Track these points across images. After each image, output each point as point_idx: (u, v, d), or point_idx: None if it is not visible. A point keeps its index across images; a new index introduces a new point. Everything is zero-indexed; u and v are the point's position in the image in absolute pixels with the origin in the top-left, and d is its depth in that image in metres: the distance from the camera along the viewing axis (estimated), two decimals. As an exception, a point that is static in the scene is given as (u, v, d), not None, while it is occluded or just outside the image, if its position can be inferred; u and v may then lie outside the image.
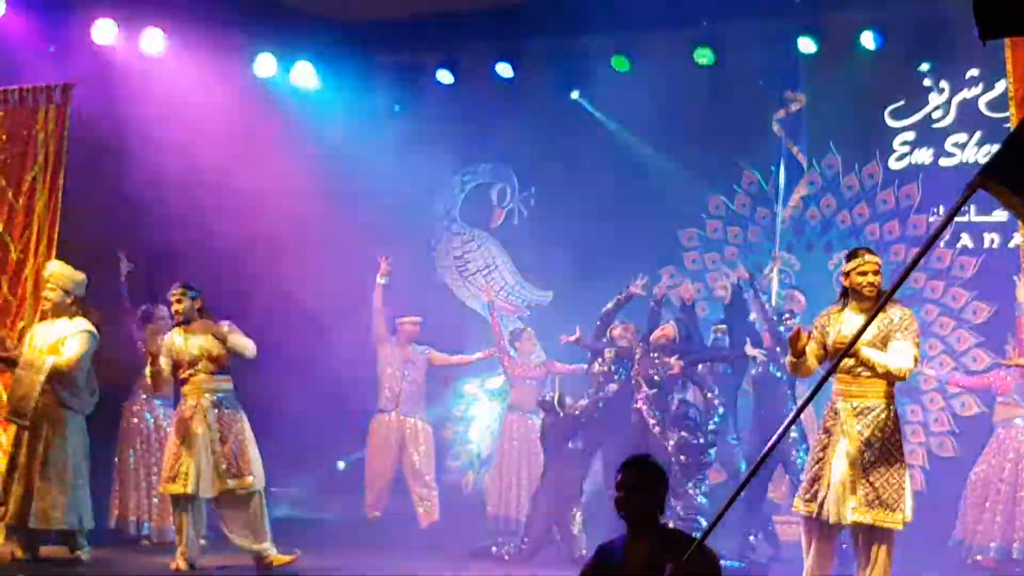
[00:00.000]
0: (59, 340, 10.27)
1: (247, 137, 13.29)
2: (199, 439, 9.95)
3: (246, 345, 10.07)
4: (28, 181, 11.21)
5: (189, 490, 9.91)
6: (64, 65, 12.14)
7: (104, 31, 12.79)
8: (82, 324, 10.37)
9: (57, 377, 10.22)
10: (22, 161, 11.29)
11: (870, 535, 8.16)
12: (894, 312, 8.15)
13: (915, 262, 5.01)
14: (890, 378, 8.12)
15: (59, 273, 10.44)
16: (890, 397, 8.20)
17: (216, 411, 10.05)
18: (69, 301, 10.40)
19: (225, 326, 10.08)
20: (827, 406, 8.35)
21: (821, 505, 8.17)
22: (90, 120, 11.77)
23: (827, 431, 8.27)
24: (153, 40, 13.12)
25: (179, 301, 10.16)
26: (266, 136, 13.63)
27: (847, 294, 8.33)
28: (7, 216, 11.28)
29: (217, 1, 13.04)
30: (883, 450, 8.10)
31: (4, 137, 11.42)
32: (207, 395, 10.08)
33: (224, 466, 9.97)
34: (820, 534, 8.27)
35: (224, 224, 12.79)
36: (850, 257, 8.35)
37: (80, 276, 10.53)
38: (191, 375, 10.09)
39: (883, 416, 8.13)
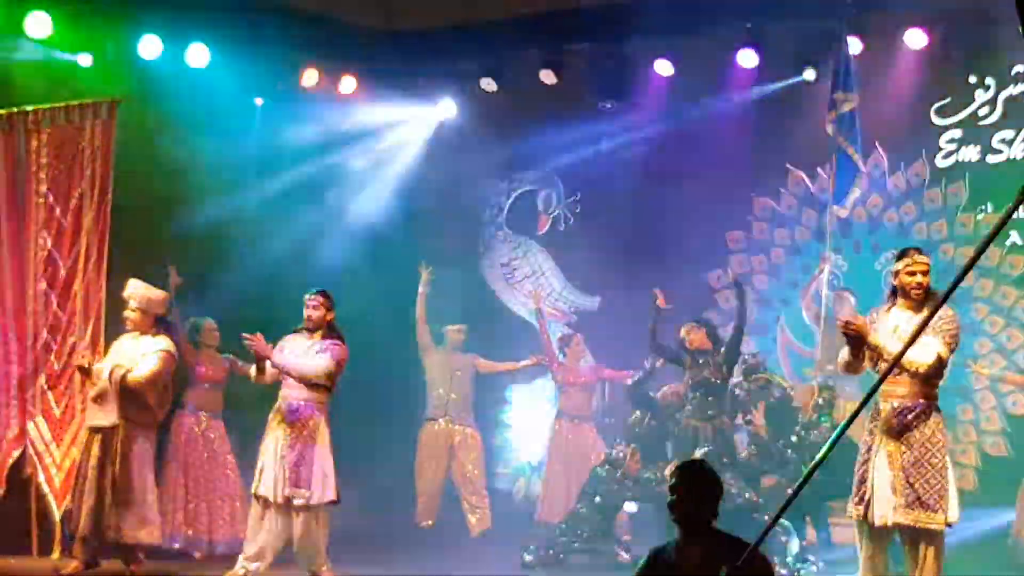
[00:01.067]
0: (141, 356, 10.37)
1: (293, 149, 13.36)
2: (275, 443, 9.98)
3: (316, 369, 10.11)
4: (76, 198, 11.28)
5: (260, 492, 9.95)
6: (110, 81, 12.22)
7: (150, 46, 12.86)
8: (162, 343, 10.43)
9: (127, 392, 10.28)
10: (69, 178, 11.36)
11: (915, 536, 8.14)
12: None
13: (967, 269, 4.96)
14: (914, 374, 8.06)
15: (136, 292, 10.53)
16: (931, 397, 8.16)
17: (292, 417, 10.01)
18: (149, 320, 10.48)
19: (326, 344, 10.15)
20: (871, 407, 8.32)
21: (867, 507, 8.18)
22: (137, 135, 11.85)
23: (871, 432, 8.30)
24: (198, 55, 13.19)
25: (315, 308, 10.18)
26: (312, 148, 13.69)
27: (895, 293, 8.32)
28: (56, 233, 11.35)
29: (263, 14, 13.08)
30: (923, 450, 8.08)
31: (52, 154, 11.49)
32: (286, 401, 10.04)
33: (294, 475, 9.92)
34: (870, 536, 8.26)
35: (272, 237, 12.86)
36: (900, 256, 8.38)
37: (159, 295, 10.64)
38: (283, 378, 10.10)
39: (923, 416, 8.11)
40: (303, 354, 10.06)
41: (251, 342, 10.00)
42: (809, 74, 13.22)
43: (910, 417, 8.10)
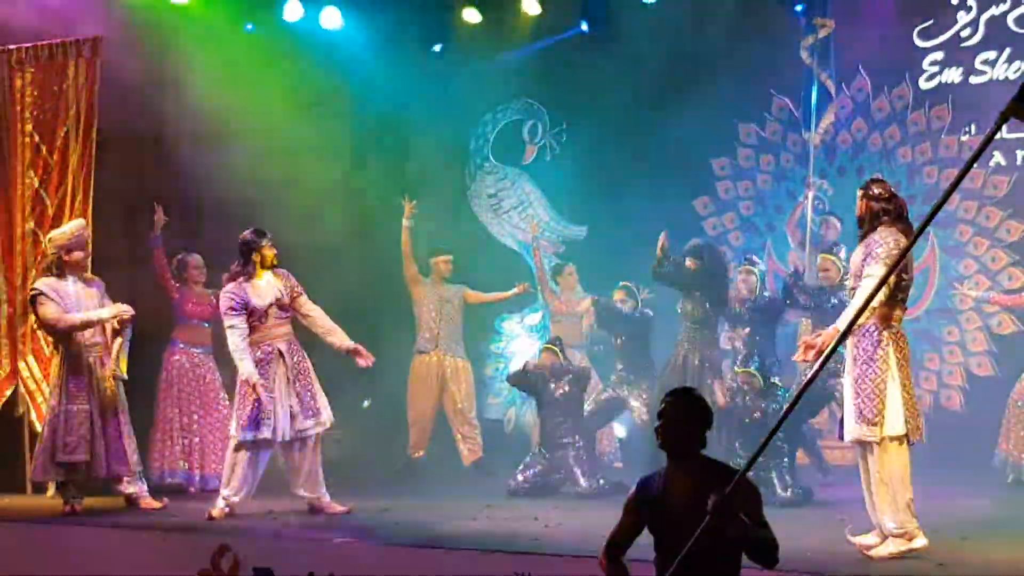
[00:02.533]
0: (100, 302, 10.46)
1: (277, 83, 13.31)
2: (279, 383, 10.11)
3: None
4: (61, 136, 11.27)
5: (267, 435, 10.07)
6: (93, 18, 12.15)
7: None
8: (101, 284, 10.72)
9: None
10: (54, 116, 11.35)
11: (863, 451, 8.40)
12: (874, 235, 8.38)
13: (938, 206, 5.03)
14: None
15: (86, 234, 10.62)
16: (882, 318, 8.30)
17: (286, 354, 10.21)
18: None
19: (283, 273, 10.42)
20: None
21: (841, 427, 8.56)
22: (121, 73, 11.81)
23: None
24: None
25: (273, 247, 10.31)
26: (296, 81, 13.65)
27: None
28: (42, 172, 11.36)
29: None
30: (865, 367, 8.31)
31: (35, 93, 11.48)
32: (279, 340, 10.23)
33: (300, 407, 10.15)
34: (857, 453, 8.50)
35: (257, 171, 12.83)
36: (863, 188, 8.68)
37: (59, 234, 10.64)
38: (262, 320, 10.21)
39: (867, 333, 8.30)
40: (283, 288, 10.34)
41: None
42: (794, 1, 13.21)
43: (860, 336, 8.31)
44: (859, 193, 8.55)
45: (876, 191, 8.46)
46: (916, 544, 8.18)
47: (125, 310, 10.43)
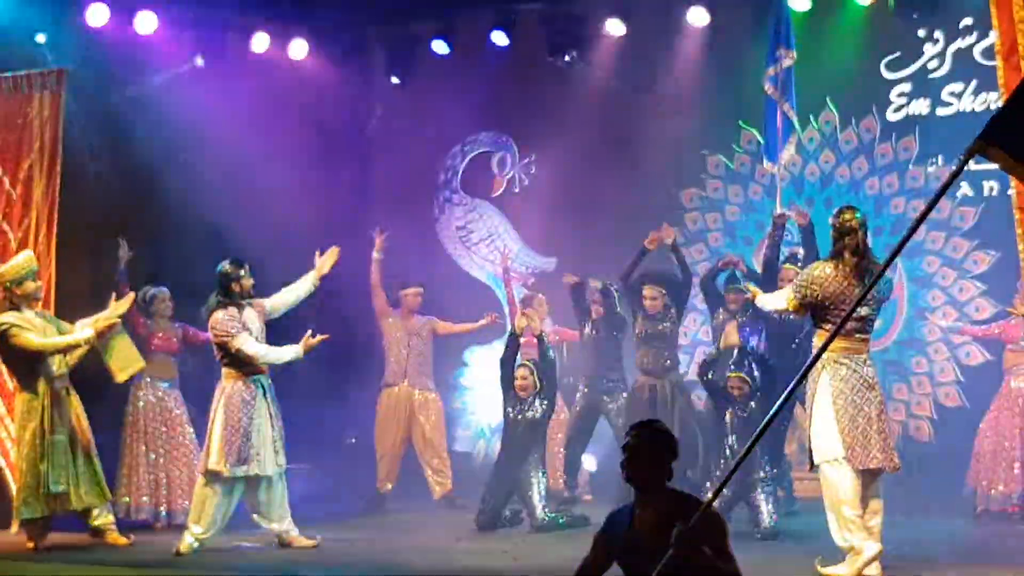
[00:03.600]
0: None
1: (244, 115, 13.28)
2: (263, 418, 10.08)
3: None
4: (25, 168, 11.21)
5: (259, 471, 10.04)
6: (58, 50, 12.12)
7: (97, 14, 12.76)
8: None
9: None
10: (18, 148, 11.28)
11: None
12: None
13: (904, 241, 5.10)
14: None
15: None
16: (823, 348, 8.44)
17: (270, 390, 10.25)
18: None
19: (261, 302, 10.41)
20: None
21: None
22: (86, 105, 11.78)
23: None
24: (146, 22, 13.11)
25: (251, 277, 10.27)
26: (263, 113, 13.63)
27: None
28: (5, 204, 11.28)
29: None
30: (808, 399, 8.83)
31: (0, 125, 11.43)
32: (264, 375, 10.23)
33: (280, 443, 10.20)
34: None
35: (224, 201, 12.81)
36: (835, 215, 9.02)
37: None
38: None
39: (816, 366, 8.59)
40: (260, 322, 10.29)
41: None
42: (756, 31, 13.25)
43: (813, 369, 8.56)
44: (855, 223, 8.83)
45: (830, 221, 8.89)
46: (868, 553, 8.36)
47: (105, 316, 10.45)
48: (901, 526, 9.58)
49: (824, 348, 5.77)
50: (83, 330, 10.37)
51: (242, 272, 10.22)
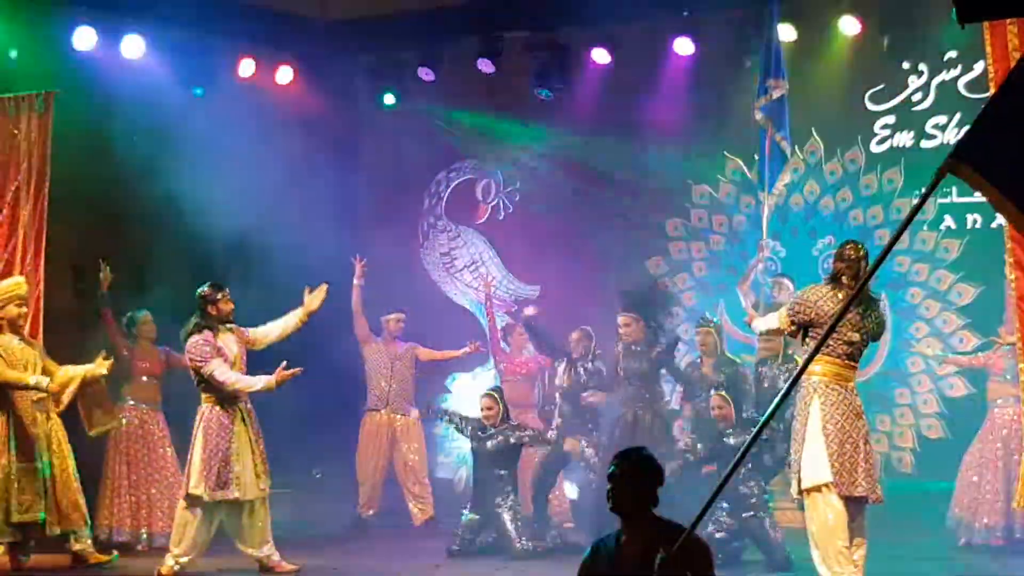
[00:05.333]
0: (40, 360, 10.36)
1: (230, 140, 13.28)
2: (243, 443, 10.04)
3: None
4: (12, 191, 11.18)
5: (238, 495, 10.00)
6: (45, 73, 12.11)
7: (84, 38, 12.76)
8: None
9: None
10: (5, 171, 11.25)
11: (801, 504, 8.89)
12: None
13: (880, 261, 5.11)
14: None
15: (28, 291, 10.53)
16: (812, 372, 8.70)
17: (249, 414, 10.21)
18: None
19: (242, 330, 10.36)
20: None
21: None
22: (73, 128, 11.76)
23: None
24: (133, 45, 13.11)
25: (231, 301, 10.26)
26: (249, 139, 13.62)
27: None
28: (-8, 226, 11.27)
29: (197, 5, 13.01)
30: (795, 421, 8.91)
31: (-15, 148, 11.40)
32: (242, 400, 10.20)
33: (262, 467, 10.16)
34: None
35: (210, 227, 12.79)
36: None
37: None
38: None
39: (803, 390, 8.77)
40: (239, 347, 10.29)
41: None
42: (742, 61, 13.31)
43: (800, 391, 8.78)
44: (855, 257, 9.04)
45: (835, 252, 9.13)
46: None
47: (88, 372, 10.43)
48: (884, 559, 9.56)
49: (806, 366, 5.72)
50: (42, 377, 10.30)
51: (219, 296, 10.21)
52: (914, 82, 13.50)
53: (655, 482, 5.76)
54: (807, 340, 8.86)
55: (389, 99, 14.97)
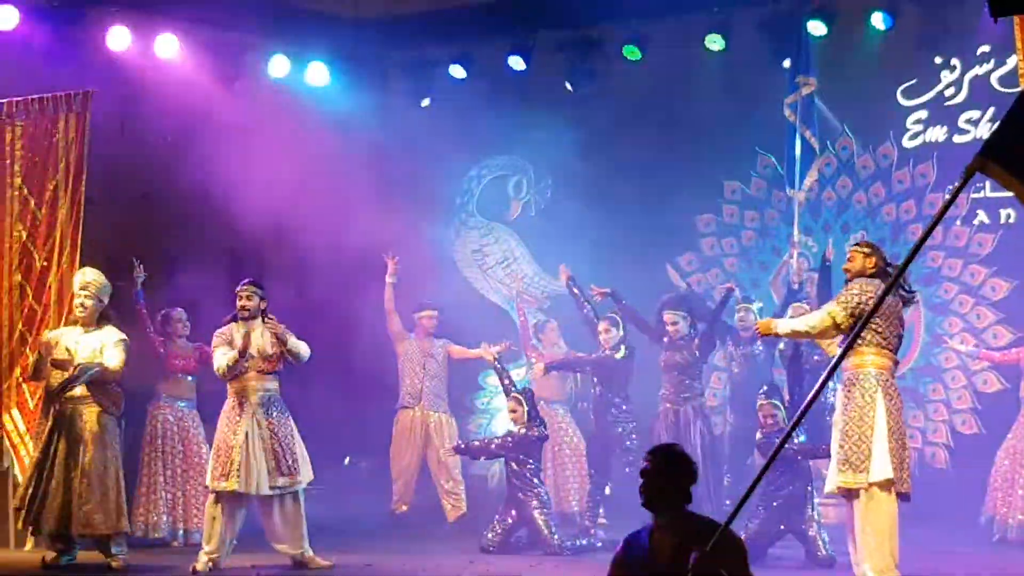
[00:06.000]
0: (100, 347, 10.33)
1: (262, 138, 13.34)
2: (251, 436, 10.06)
3: (303, 347, 10.32)
4: (50, 190, 11.26)
5: (240, 487, 10.01)
6: (81, 73, 12.20)
7: (118, 38, 12.85)
8: (117, 333, 10.39)
9: (101, 384, 10.28)
10: (44, 170, 11.34)
11: (851, 498, 8.43)
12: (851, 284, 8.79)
13: (908, 260, 5.10)
14: (813, 337, 8.94)
15: (97, 280, 10.49)
16: (867, 364, 8.48)
17: (264, 409, 10.16)
18: (94, 310, 10.46)
19: (282, 327, 10.27)
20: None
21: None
22: (107, 127, 11.84)
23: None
24: (167, 45, 13.19)
25: (248, 298, 10.27)
26: (282, 137, 13.68)
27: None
28: (31, 224, 11.33)
29: (229, 4, 13.08)
30: (853, 414, 8.55)
31: (25, 147, 11.46)
32: (256, 393, 10.18)
33: (275, 463, 10.09)
34: (846, 503, 8.56)
35: (243, 225, 12.86)
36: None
37: (108, 283, 10.61)
38: (241, 371, 10.17)
39: (856, 383, 8.56)
40: (266, 341, 10.23)
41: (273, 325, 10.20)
42: (774, 57, 13.30)
43: (847, 385, 8.62)
44: (852, 252, 8.90)
45: (865, 249, 8.86)
46: None
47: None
48: (917, 555, 9.54)
49: (840, 359, 5.68)
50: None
51: (242, 291, 10.29)
52: (947, 76, 13.48)
53: (688, 479, 5.76)
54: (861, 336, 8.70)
55: (421, 97, 15.00)
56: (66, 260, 11.13)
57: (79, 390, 10.27)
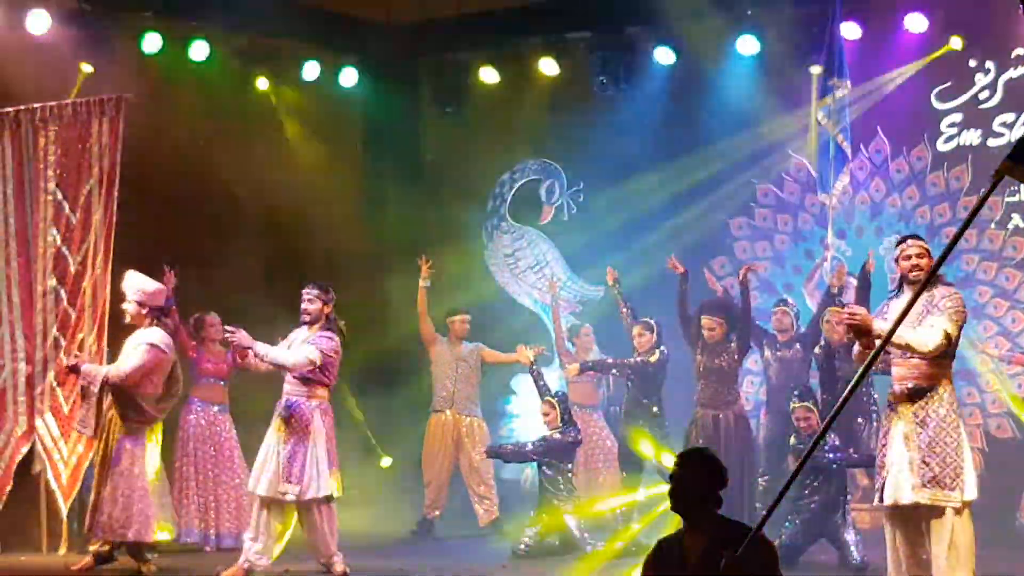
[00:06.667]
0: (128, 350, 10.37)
1: (295, 142, 13.39)
2: (275, 440, 10.04)
3: (280, 356, 10.13)
4: (84, 194, 11.30)
5: (256, 490, 10.02)
6: (114, 78, 12.25)
7: (152, 43, 12.89)
8: (150, 336, 10.35)
9: (113, 389, 10.28)
10: (78, 174, 11.38)
11: (935, 515, 8.20)
12: (937, 291, 8.24)
13: (943, 257, 5.05)
14: (921, 355, 8.12)
15: (132, 285, 10.47)
16: (944, 377, 8.24)
17: (287, 415, 10.08)
18: (146, 312, 10.46)
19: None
20: (889, 390, 8.44)
21: (882, 489, 8.29)
22: (140, 132, 11.89)
23: (887, 416, 8.43)
24: (199, 50, 13.24)
25: (311, 301, 10.20)
26: (314, 141, 13.72)
27: (902, 281, 8.42)
28: (65, 229, 11.38)
29: (262, 9, 13.12)
30: (938, 429, 8.17)
31: (60, 151, 11.50)
32: (283, 397, 10.15)
33: (283, 471, 9.97)
34: (891, 518, 8.34)
35: (275, 229, 12.89)
36: (897, 244, 8.51)
37: (155, 287, 10.55)
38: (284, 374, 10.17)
39: (936, 396, 8.20)
40: (296, 346, 10.18)
41: (232, 335, 10.06)
42: (807, 60, 13.26)
43: (924, 398, 8.19)
44: (914, 250, 8.34)
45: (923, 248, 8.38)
46: None
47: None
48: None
49: (874, 359, 5.57)
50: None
51: (303, 295, 10.24)
52: (981, 80, 13.39)
53: (719, 483, 5.74)
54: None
55: (452, 101, 15.01)
56: (100, 265, 11.17)
57: (107, 398, 10.33)
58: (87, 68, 12.40)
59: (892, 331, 5.88)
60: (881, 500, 8.31)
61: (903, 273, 8.37)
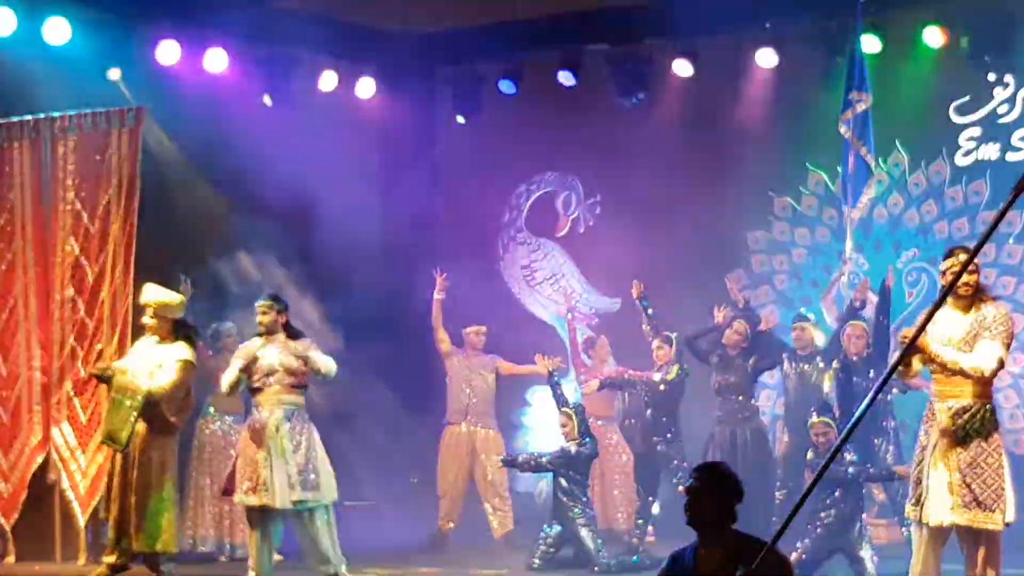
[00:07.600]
0: (157, 365, 10.32)
1: (311, 153, 13.38)
2: (273, 451, 10.00)
3: (325, 363, 10.18)
4: (103, 205, 11.33)
5: (266, 501, 9.96)
6: (132, 88, 12.26)
7: (168, 52, 12.90)
8: (181, 352, 10.36)
9: (149, 404, 10.28)
10: (96, 185, 11.41)
11: (973, 536, 8.16)
12: (988, 310, 8.19)
13: (964, 266, 5.02)
14: (969, 376, 8.06)
15: (152, 298, 10.46)
16: (986, 396, 8.18)
17: (288, 423, 10.07)
18: (167, 324, 10.44)
19: (305, 343, 10.17)
20: (927, 407, 8.37)
21: (923, 507, 8.22)
22: (158, 141, 11.91)
23: (926, 433, 8.36)
24: (216, 59, 13.24)
25: (264, 313, 10.22)
26: (330, 152, 13.71)
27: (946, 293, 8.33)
28: (83, 239, 11.41)
29: (278, 19, 13.12)
30: (979, 450, 8.11)
31: (77, 162, 11.54)
32: (280, 408, 10.11)
33: (297, 478, 9.98)
34: (925, 536, 8.27)
35: (292, 240, 12.87)
36: (946, 257, 8.34)
37: (175, 299, 10.53)
38: (265, 385, 10.12)
39: (979, 416, 8.14)
40: (291, 355, 10.16)
41: None
42: (826, 73, 13.23)
43: (966, 417, 8.13)
44: (961, 264, 7.95)
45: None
46: None
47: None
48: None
49: (895, 368, 5.53)
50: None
51: (257, 307, 10.29)
52: (1000, 94, 13.35)
53: (734, 497, 5.73)
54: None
55: (469, 111, 15.00)
56: (119, 275, 11.18)
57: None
58: (113, 75, 12.38)
59: (911, 342, 5.85)
60: (920, 518, 8.24)
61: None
